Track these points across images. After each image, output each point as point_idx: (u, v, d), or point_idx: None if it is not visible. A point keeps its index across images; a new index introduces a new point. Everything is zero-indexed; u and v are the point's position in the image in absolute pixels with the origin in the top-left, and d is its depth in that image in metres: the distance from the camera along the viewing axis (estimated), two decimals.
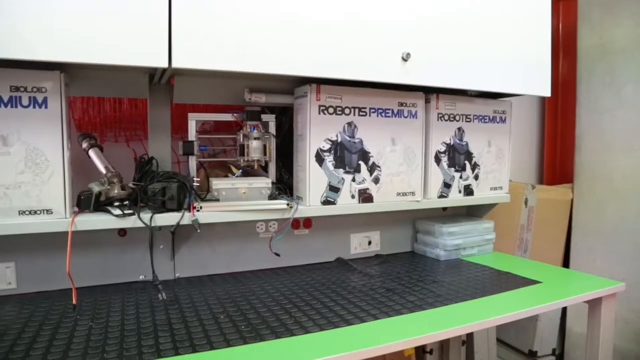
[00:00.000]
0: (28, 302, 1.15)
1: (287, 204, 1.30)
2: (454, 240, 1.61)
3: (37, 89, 1.07)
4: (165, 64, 1.04)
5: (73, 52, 0.97)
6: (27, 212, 1.09)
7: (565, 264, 2.22)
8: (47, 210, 1.10)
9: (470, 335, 1.96)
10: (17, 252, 1.19)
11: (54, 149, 1.09)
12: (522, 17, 1.49)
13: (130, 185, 1.25)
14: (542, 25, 1.54)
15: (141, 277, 1.32)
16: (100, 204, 1.19)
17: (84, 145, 1.30)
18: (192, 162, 1.32)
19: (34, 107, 1.07)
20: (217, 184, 1.26)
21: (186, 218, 1.20)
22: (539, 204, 2.16)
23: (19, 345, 0.92)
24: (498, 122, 1.68)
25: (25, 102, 1.06)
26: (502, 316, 1.11)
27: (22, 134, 1.06)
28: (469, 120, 1.61)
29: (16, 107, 1.06)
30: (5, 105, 1.05)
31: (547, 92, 1.58)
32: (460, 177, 1.62)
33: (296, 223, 1.49)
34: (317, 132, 1.33)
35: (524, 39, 1.50)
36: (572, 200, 2.19)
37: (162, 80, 1.33)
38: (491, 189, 1.71)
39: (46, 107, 1.08)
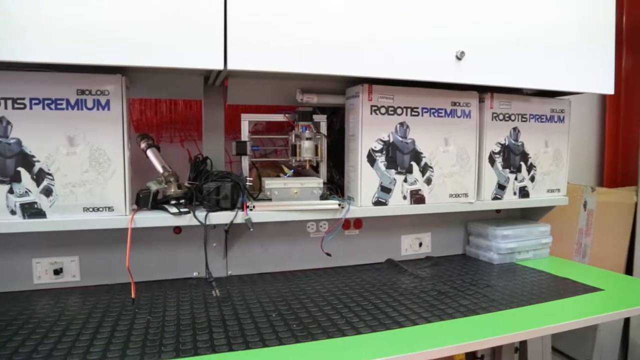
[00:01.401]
0: (90, 295, 1.20)
1: (339, 204, 1.30)
2: (508, 244, 1.56)
3: (101, 92, 1.12)
4: (220, 66, 1.06)
5: (135, 56, 1.01)
6: (90, 209, 1.14)
7: (628, 271, 2.10)
8: (109, 208, 1.15)
9: (524, 343, 1.90)
10: (81, 247, 1.25)
11: (116, 149, 1.14)
12: (583, 10, 1.42)
13: (186, 184, 1.29)
14: (606, 18, 1.46)
15: (195, 274, 1.36)
16: (158, 202, 1.23)
17: (142, 145, 1.35)
18: (245, 162, 1.34)
19: (98, 109, 1.12)
20: (270, 183, 1.28)
21: (239, 217, 1.23)
22: (599, 208, 2.06)
23: (83, 334, 0.97)
24: (556, 122, 1.62)
25: (89, 104, 1.11)
26: (560, 324, 1.07)
27: (86, 134, 1.12)
28: (525, 119, 1.55)
29: (82, 109, 1.11)
30: (72, 108, 1.10)
31: (609, 89, 1.51)
32: (516, 178, 1.57)
33: (347, 223, 1.49)
34: (368, 132, 1.32)
35: (585, 33, 1.44)
36: (636, 204, 2.08)
37: (216, 82, 1.36)
38: (548, 191, 1.64)
39: (109, 109, 1.13)
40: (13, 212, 1.09)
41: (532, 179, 1.60)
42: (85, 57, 0.99)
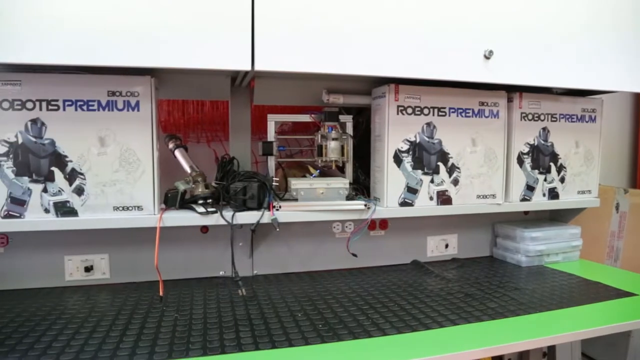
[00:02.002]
0: (120, 292, 1.23)
1: (365, 205, 1.29)
2: (536, 246, 1.53)
3: (131, 93, 1.14)
4: (248, 67, 1.07)
5: (164, 58, 1.03)
6: (120, 208, 1.16)
7: None
8: (138, 207, 1.17)
9: (552, 348, 1.86)
10: (110, 245, 1.28)
11: (145, 149, 1.16)
12: (616, 6, 1.38)
13: (213, 184, 1.31)
14: None
15: (221, 273, 1.37)
16: (185, 202, 1.25)
17: (171, 145, 1.37)
18: (271, 162, 1.35)
19: (128, 110, 1.14)
20: (296, 184, 1.28)
21: (266, 217, 1.23)
22: (633, 210, 2.00)
23: (113, 331, 0.99)
24: (587, 122, 1.58)
25: (120, 105, 1.14)
26: (591, 330, 1.04)
27: (117, 135, 1.14)
28: (554, 119, 1.52)
29: (112, 110, 1.13)
30: (103, 109, 1.13)
31: None
32: (545, 179, 1.54)
33: (372, 224, 1.48)
34: (395, 132, 1.32)
35: (618, 30, 1.39)
36: None
37: (243, 83, 1.38)
38: (578, 192, 1.61)
39: (138, 110, 1.15)
40: (47, 211, 1.12)
41: (562, 180, 1.57)
42: (115, 59, 1.00)
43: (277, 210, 1.24)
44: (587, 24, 1.36)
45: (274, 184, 1.29)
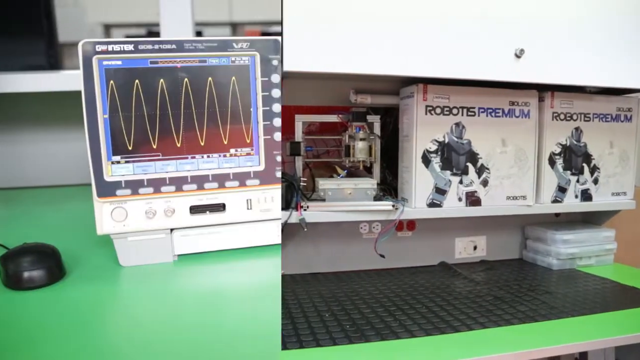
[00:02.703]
0: None
1: (393, 206, 1.29)
2: (568, 249, 1.49)
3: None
4: None
5: None
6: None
7: None
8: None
9: (584, 354, 1.81)
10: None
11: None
12: None
13: None
14: None
15: None
16: None
17: None
18: (299, 162, 1.36)
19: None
20: (324, 184, 1.29)
21: (294, 217, 1.24)
22: None
23: None
24: (622, 121, 1.54)
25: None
26: (626, 336, 1.01)
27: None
28: (587, 119, 1.49)
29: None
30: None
31: None
32: (577, 180, 1.50)
33: (400, 225, 1.47)
34: (423, 133, 1.31)
35: None
36: None
37: None
38: (613, 194, 1.57)
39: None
40: None
41: (596, 181, 1.53)
42: None
43: (305, 210, 1.25)
44: (623, 20, 1.32)
45: (301, 184, 1.30)
